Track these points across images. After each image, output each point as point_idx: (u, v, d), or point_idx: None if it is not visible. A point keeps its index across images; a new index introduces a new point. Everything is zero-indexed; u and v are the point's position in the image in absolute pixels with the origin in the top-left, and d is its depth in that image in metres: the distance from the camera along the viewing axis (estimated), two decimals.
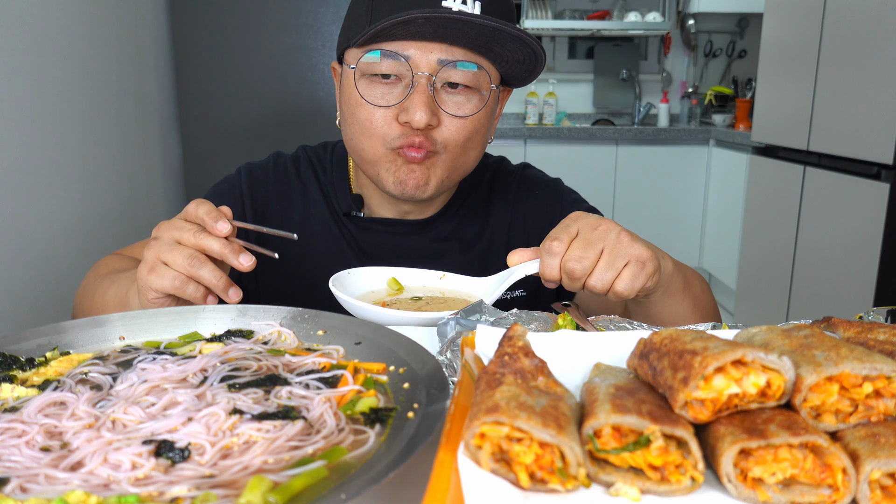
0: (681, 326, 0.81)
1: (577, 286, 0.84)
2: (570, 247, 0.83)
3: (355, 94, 0.99)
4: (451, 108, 0.98)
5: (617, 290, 0.82)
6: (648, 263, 0.83)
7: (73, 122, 1.81)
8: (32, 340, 0.77)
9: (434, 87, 0.96)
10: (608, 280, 0.82)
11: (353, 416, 0.62)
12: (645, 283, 0.83)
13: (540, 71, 1.02)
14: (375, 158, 1.02)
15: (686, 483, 0.49)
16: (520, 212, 1.18)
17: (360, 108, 0.99)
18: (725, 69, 4.89)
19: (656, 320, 0.96)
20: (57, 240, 1.70)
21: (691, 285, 0.97)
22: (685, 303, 0.95)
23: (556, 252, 0.83)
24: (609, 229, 0.83)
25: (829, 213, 2.86)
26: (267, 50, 2.84)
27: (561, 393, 0.55)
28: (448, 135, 0.99)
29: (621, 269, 0.82)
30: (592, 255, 0.82)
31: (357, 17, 0.99)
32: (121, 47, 2.17)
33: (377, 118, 0.98)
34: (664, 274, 0.89)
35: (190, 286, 0.82)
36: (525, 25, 4.58)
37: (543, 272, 0.85)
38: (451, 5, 0.92)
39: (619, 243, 0.82)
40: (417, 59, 0.95)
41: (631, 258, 0.82)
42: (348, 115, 1.02)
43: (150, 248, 0.83)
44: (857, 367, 0.51)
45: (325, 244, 1.12)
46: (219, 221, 0.83)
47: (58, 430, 0.59)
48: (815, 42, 2.93)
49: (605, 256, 0.82)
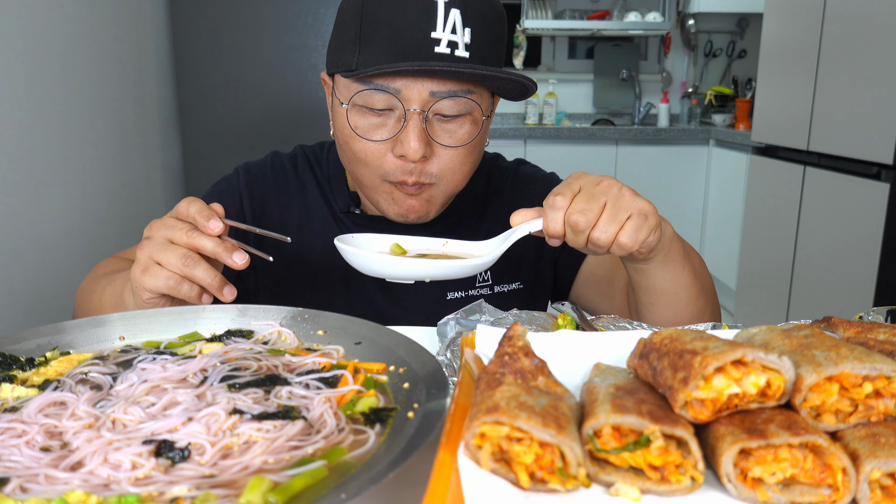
0: (682, 327, 0.81)
1: (580, 240, 0.84)
2: (574, 201, 0.84)
3: (347, 128, 0.98)
4: (444, 138, 0.98)
5: (621, 241, 0.82)
6: (651, 217, 0.84)
7: (73, 123, 1.81)
8: (32, 340, 0.77)
9: (427, 118, 0.95)
10: (612, 232, 0.82)
11: (353, 416, 0.62)
12: (647, 237, 0.84)
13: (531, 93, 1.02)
14: (373, 186, 1.02)
15: (686, 483, 0.49)
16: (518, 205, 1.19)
17: (353, 140, 0.99)
18: (725, 69, 4.89)
19: (658, 289, 0.95)
20: (57, 240, 1.70)
21: (691, 257, 0.97)
22: (685, 272, 0.95)
23: (559, 206, 0.84)
24: (611, 185, 0.84)
25: (829, 213, 2.86)
26: (267, 50, 2.84)
27: (561, 393, 0.55)
28: (442, 164, 0.99)
29: (624, 221, 0.82)
30: (596, 207, 0.82)
31: (345, 43, 0.97)
32: (121, 47, 2.17)
33: (371, 151, 0.98)
34: (665, 236, 0.90)
35: (184, 286, 0.82)
36: (525, 25, 4.58)
37: (547, 227, 0.85)
38: (440, 36, 0.92)
39: (621, 197, 0.83)
40: (408, 94, 0.94)
41: (634, 211, 0.83)
42: (342, 143, 1.02)
43: (143, 248, 0.83)
44: (857, 367, 0.51)
45: (324, 241, 1.12)
46: (211, 220, 0.82)
47: (58, 430, 0.59)
48: (815, 42, 2.93)
49: (609, 209, 0.83)
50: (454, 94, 0.94)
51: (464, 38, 0.93)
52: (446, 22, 0.92)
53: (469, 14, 0.93)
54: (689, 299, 0.97)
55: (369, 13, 0.93)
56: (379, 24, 0.92)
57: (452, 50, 0.92)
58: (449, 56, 0.92)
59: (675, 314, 0.97)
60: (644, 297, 0.98)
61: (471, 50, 0.93)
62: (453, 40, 0.92)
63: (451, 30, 0.92)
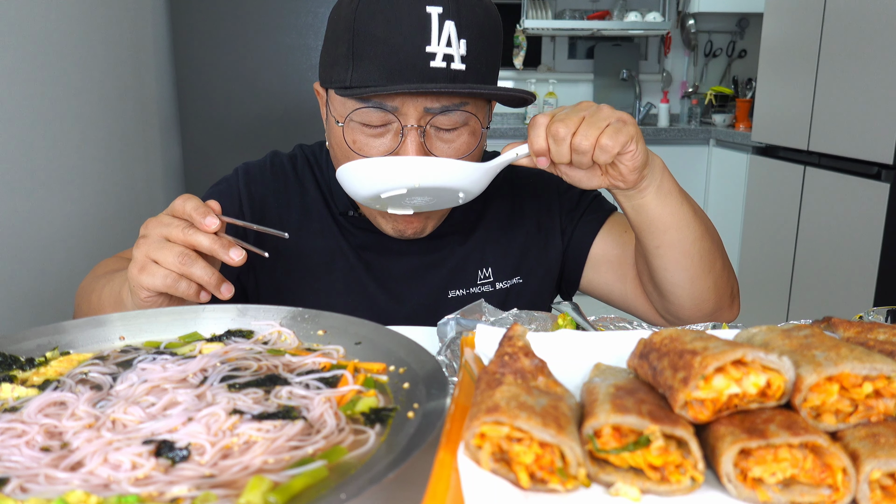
0: (682, 328, 0.81)
1: (563, 150, 0.87)
2: (554, 116, 0.88)
3: (344, 145, 0.98)
4: (442, 151, 0.97)
5: (602, 142, 0.85)
6: (629, 124, 0.87)
7: (72, 123, 1.81)
8: (32, 340, 0.77)
9: (424, 132, 0.95)
10: (593, 136, 0.85)
11: (353, 416, 0.62)
12: (628, 142, 0.86)
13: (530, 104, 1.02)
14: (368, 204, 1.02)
15: (686, 483, 0.49)
16: (517, 199, 1.19)
17: (350, 156, 0.98)
18: (725, 69, 4.89)
19: (659, 225, 0.96)
20: (57, 240, 1.70)
21: (689, 198, 0.99)
22: (685, 207, 0.96)
23: (540, 123, 0.88)
24: (590, 104, 0.89)
25: (829, 213, 2.86)
26: (267, 50, 2.84)
27: (561, 393, 0.55)
28: None
29: (604, 127, 0.86)
30: (576, 118, 0.86)
31: (337, 58, 0.95)
32: (120, 47, 2.17)
33: None
34: (654, 164, 0.92)
35: (182, 284, 0.82)
36: (525, 25, 4.58)
37: (531, 143, 0.88)
38: (435, 50, 0.91)
39: (599, 110, 0.88)
40: (405, 109, 0.93)
41: (612, 119, 0.87)
42: (340, 156, 1.01)
43: (139, 246, 0.83)
44: (857, 367, 0.51)
45: (324, 241, 1.12)
46: (207, 217, 0.82)
47: (58, 430, 0.59)
48: (815, 42, 2.93)
49: (588, 118, 0.87)
50: (448, 108, 0.94)
51: (459, 49, 0.92)
52: (441, 35, 0.91)
53: (464, 25, 0.92)
54: (694, 236, 0.97)
55: (361, 29, 0.91)
56: (372, 40, 0.91)
57: (448, 63, 0.91)
58: (445, 70, 0.91)
59: (684, 255, 0.97)
60: (649, 241, 0.97)
61: (467, 62, 0.93)
62: (449, 53, 0.91)
63: (447, 42, 0.91)
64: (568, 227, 1.17)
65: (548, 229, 1.17)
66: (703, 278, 0.99)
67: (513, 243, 1.16)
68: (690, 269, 0.98)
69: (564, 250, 1.18)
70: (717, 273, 1.00)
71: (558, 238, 1.17)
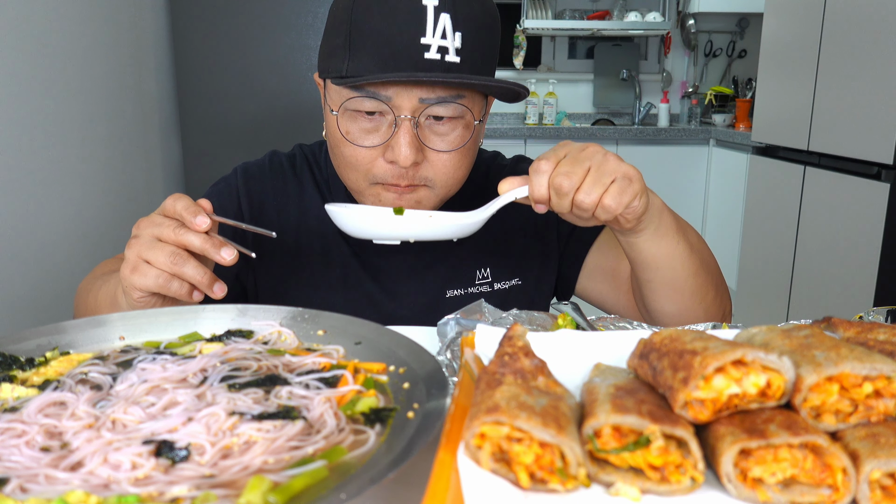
0: (682, 328, 0.81)
1: (565, 203, 0.85)
2: (558, 165, 0.85)
3: (338, 134, 0.98)
4: (436, 143, 0.97)
5: (605, 203, 0.83)
6: (635, 181, 0.85)
7: (72, 123, 1.81)
8: (32, 340, 0.76)
9: (418, 123, 0.95)
10: (596, 195, 0.83)
11: (353, 416, 0.61)
12: (632, 201, 0.84)
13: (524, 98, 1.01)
14: (360, 190, 1.02)
15: (686, 483, 0.49)
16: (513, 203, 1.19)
17: (343, 145, 0.99)
18: (725, 69, 4.89)
19: (653, 263, 0.95)
20: (57, 240, 1.70)
21: (686, 232, 0.97)
22: (680, 245, 0.94)
23: (543, 171, 0.85)
24: (596, 150, 0.85)
25: (829, 213, 2.86)
26: (267, 50, 2.84)
27: (561, 393, 0.55)
28: (436, 169, 0.99)
29: (609, 184, 0.83)
30: (580, 171, 0.83)
31: (334, 49, 0.96)
32: (120, 47, 2.17)
33: (362, 156, 0.98)
34: (653, 207, 0.90)
35: (174, 283, 0.82)
36: (525, 25, 4.58)
37: (532, 192, 0.86)
38: (430, 41, 0.91)
39: (606, 162, 0.84)
40: (399, 101, 0.93)
41: (618, 175, 0.84)
42: (333, 147, 1.02)
43: (131, 247, 0.83)
44: (857, 367, 0.51)
45: (321, 238, 1.13)
46: (198, 216, 0.82)
47: (58, 430, 0.59)
48: (815, 42, 2.93)
49: (593, 173, 0.84)
50: (444, 100, 0.94)
51: (454, 42, 0.92)
52: (436, 27, 0.91)
53: (459, 18, 0.92)
54: (687, 274, 0.96)
55: (358, 20, 0.92)
56: (368, 31, 0.92)
57: (443, 55, 0.92)
58: (439, 62, 0.91)
59: (675, 291, 0.97)
60: (642, 274, 0.97)
61: (462, 55, 0.93)
62: (443, 45, 0.91)
63: (441, 34, 0.91)
64: (564, 234, 1.17)
65: (545, 233, 1.17)
66: (694, 309, 0.99)
67: (511, 245, 1.16)
68: (681, 303, 0.98)
69: (561, 256, 1.18)
70: (708, 303, 1.00)
71: (555, 243, 1.17)
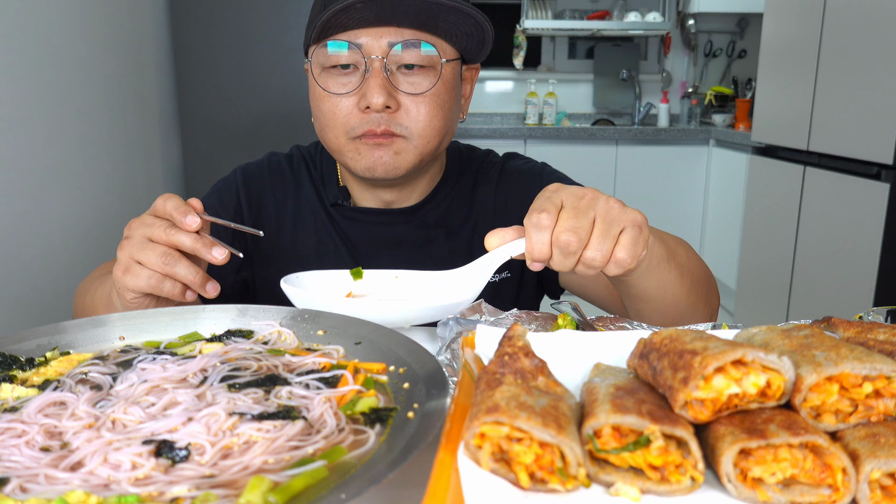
0: (678, 326, 0.81)
1: (570, 262, 0.76)
2: (560, 218, 0.75)
3: (317, 89, 1.02)
4: (407, 87, 1.00)
5: (618, 257, 0.75)
6: (644, 228, 0.78)
7: (73, 123, 1.81)
8: (32, 340, 0.77)
9: (389, 70, 0.98)
10: (607, 250, 0.75)
11: (353, 416, 0.61)
12: (643, 251, 0.79)
13: (490, 42, 1.03)
14: (339, 148, 1.04)
15: (686, 483, 0.49)
16: (502, 195, 1.19)
17: (322, 100, 1.02)
18: (725, 69, 4.89)
19: (643, 297, 0.91)
20: (57, 240, 1.70)
21: (675, 254, 0.92)
22: (671, 274, 0.90)
23: (545, 226, 0.75)
24: (596, 197, 0.77)
25: (829, 213, 2.86)
26: (267, 50, 2.84)
27: (561, 393, 0.55)
28: (411, 117, 1.01)
29: (618, 235, 0.76)
30: (586, 224, 0.74)
31: (313, 16, 1.01)
32: (121, 47, 2.17)
33: (339, 108, 1.01)
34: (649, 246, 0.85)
35: (166, 284, 0.82)
36: (525, 25, 4.58)
37: (532, 251, 0.76)
38: None
39: (610, 210, 0.76)
40: (369, 46, 0.97)
41: (626, 223, 0.76)
42: (315, 110, 1.05)
43: (123, 248, 0.83)
44: (857, 367, 0.51)
45: (316, 235, 1.16)
46: (188, 216, 0.82)
47: (58, 430, 0.59)
48: (815, 42, 2.93)
49: (600, 224, 0.75)
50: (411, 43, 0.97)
51: None
52: None
53: None
54: (677, 300, 0.93)
55: None
56: None
57: None
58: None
59: (666, 316, 0.95)
60: (632, 305, 0.96)
61: None
62: None
63: None
64: None
65: None
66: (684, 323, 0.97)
67: None
68: (667, 322, 0.96)
69: None
70: (698, 316, 0.99)
71: None
